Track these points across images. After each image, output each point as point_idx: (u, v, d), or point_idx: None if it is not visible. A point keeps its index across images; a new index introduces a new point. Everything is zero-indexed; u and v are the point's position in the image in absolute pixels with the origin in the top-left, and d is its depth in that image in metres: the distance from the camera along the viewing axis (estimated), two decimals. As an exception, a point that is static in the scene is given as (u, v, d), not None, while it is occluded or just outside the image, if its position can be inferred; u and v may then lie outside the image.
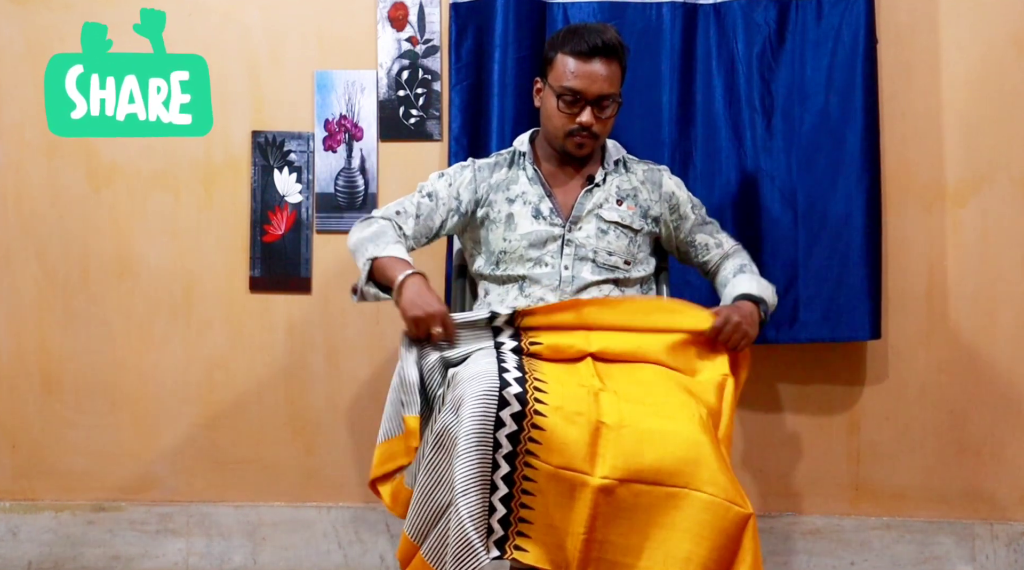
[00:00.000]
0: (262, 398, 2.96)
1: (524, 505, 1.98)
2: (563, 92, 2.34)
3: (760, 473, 2.91)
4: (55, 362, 2.97)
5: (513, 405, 1.97)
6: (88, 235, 2.96)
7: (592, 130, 2.36)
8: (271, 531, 2.94)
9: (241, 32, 2.95)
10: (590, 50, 2.32)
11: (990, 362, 2.87)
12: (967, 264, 2.87)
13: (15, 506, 2.97)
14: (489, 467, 1.96)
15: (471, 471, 1.96)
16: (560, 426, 1.98)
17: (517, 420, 1.97)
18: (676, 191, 2.50)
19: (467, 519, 1.94)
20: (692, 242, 2.51)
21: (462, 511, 1.95)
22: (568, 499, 1.96)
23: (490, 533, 1.96)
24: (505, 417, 1.97)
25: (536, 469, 1.97)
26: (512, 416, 1.97)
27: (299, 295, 2.95)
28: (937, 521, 2.88)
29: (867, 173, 2.77)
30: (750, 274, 2.45)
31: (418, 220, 2.43)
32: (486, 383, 2.00)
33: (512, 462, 1.97)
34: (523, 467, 1.97)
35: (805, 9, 2.81)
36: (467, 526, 1.94)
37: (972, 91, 2.86)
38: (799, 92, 2.81)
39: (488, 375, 2.01)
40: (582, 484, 1.95)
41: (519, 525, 1.98)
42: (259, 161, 2.94)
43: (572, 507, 1.96)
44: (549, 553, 1.98)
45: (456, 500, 1.96)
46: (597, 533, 1.96)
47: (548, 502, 1.97)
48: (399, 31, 2.91)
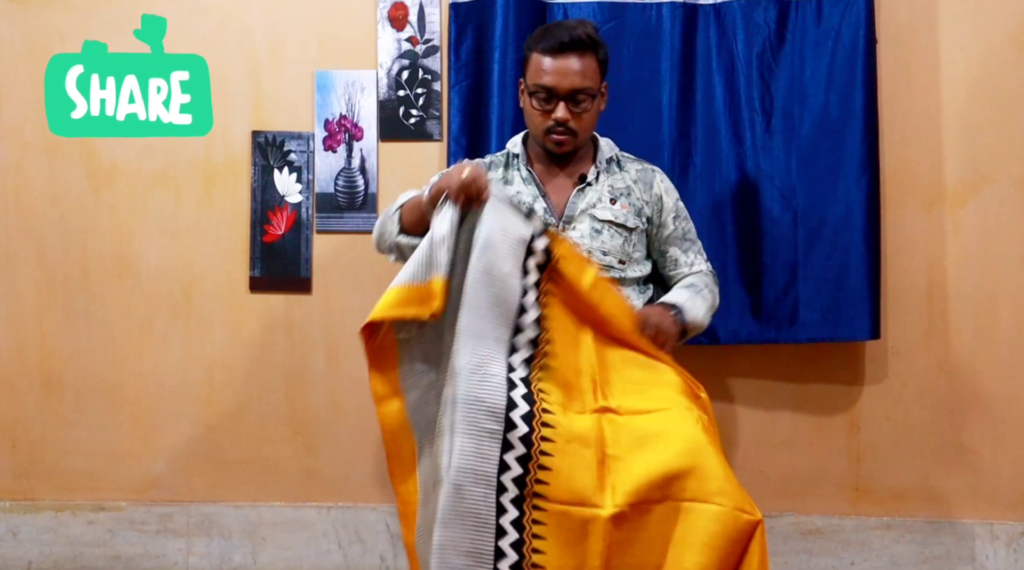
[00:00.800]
0: (262, 398, 2.96)
1: (536, 550, 1.94)
2: (536, 90, 2.33)
3: (760, 473, 2.91)
4: (55, 362, 2.97)
5: (518, 448, 1.95)
6: (88, 235, 2.96)
7: (568, 126, 2.34)
8: (271, 531, 2.95)
9: (241, 32, 2.95)
10: (560, 46, 2.31)
11: (990, 362, 2.87)
12: (967, 264, 2.87)
13: (15, 506, 2.97)
14: (489, 505, 1.93)
15: (459, 506, 1.92)
16: (567, 464, 1.95)
17: (522, 463, 1.95)
18: (664, 197, 2.48)
19: (449, 548, 1.91)
20: (664, 253, 2.50)
21: (443, 541, 1.92)
22: (580, 536, 1.94)
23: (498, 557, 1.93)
24: (510, 460, 1.95)
25: (545, 511, 1.94)
26: (517, 459, 1.95)
27: (299, 295, 2.95)
28: (937, 521, 2.88)
29: (867, 173, 2.77)
30: (689, 291, 2.42)
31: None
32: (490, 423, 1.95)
33: (520, 506, 1.94)
34: (531, 510, 1.95)
35: (805, 9, 2.81)
36: (449, 555, 1.91)
37: (972, 91, 2.86)
38: (799, 92, 2.81)
39: (494, 407, 1.97)
40: (593, 518, 1.93)
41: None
42: (259, 161, 2.94)
43: (586, 543, 1.94)
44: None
45: (439, 530, 1.92)
46: (613, 561, 1.95)
47: (560, 542, 1.94)
48: (399, 31, 2.91)
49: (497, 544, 1.93)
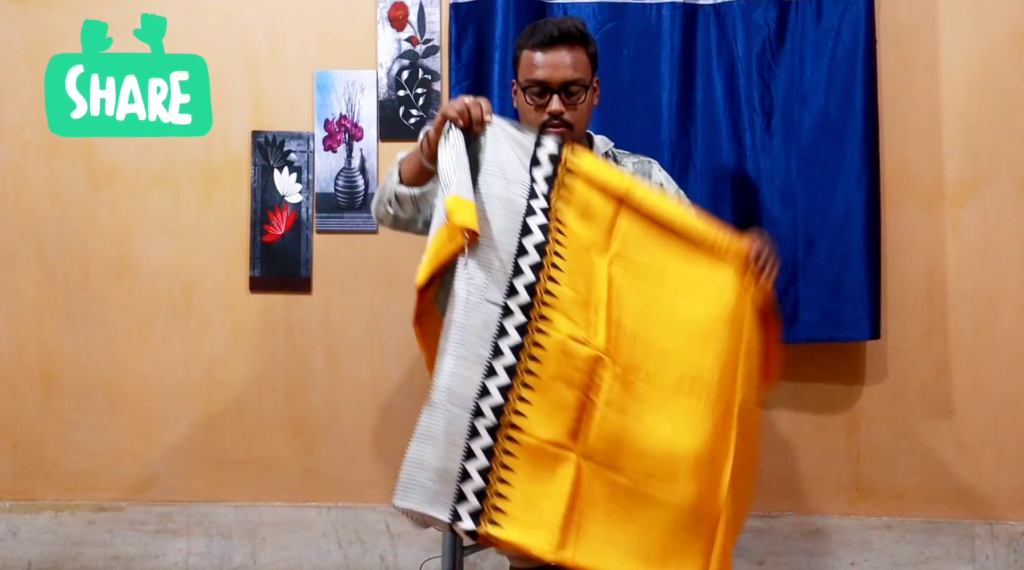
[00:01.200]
0: (262, 398, 2.96)
1: (503, 479, 1.96)
2: (529, 85, 2.33)
3: (760, 473, 2.90)
4: (55, 362, 2.97)
5: (501, 377, 1.97)
6: (88, 235, 2.96)
7: (564, 118, 2.32)
8: (271, 531, 2.95)
9: (241, 32, 2.95)
10: (549, 39, 2.31)
11: (990, 362, 2.87)
12: (967, 264, 2.87)
13: (15, 506, 2.97)
14: (462, 427, 1.95)
15: (432, 424, 1.95)
16: (548, 401, 1.98)
17: (503, 393, 1.97)
18: (665, 184, 2.49)
19: (417, 464, 1.93)
20: None
21: (413, 456, 1.93)
22: (549, 476, 1.97)
23: (461, 499, 1.95)
24: (492, 387, 1.97)
25: (518, 444, 1.97)
26: (499, 388, 1.97)
27: (299, 295, 2.95)
28: (937, 521, 2.88)
29: (867, 173, 2.77)
30: None
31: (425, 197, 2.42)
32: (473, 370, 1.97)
33: (493, 434, 1.96)
34: (504, 440, 1.97)
35: (805, 9, 2.81)
36: (415, 471, 1.92)
37: (972, 91, 2.86)
38: (799, 92, 2.81)
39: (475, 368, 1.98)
40: (564, 460, 1.97)
41: (495, 499, 1.96)
42: (259, 161, 2.94)
43: (553, 484, 1.97)
44: (526, 532, 1.95)
45: (413, 445, 1.94)
46: (578, 505, 1.97)
47: (528, 477, 1.96)
48: (399, 31, 2.91)
49: (464, 466, 1.95)
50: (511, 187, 2.08)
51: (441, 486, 1.93)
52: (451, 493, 1.94)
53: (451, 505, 1.94)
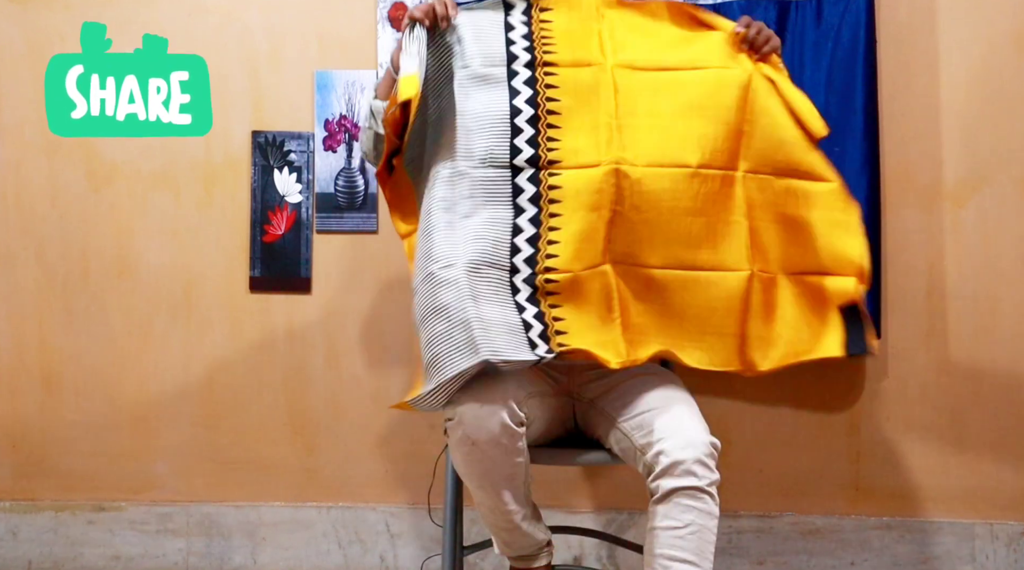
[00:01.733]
0: (262, 398, 2.96)
1: (556, 318, 2.02)
2: None
3: (760, 473, 2.91)
4: (55, 362, 2.97)
5: (527, 229, 2.05)
6: (88, 235, 2.96)
7: None
8: (271, 531, 2.95)
9: (241, 32, 2.95)
10: None
11: (990, 362, 2.87)
12: (967, 264, 2.87)
13: (15, 506, 2.97)
14: (505, 285, 2.04)
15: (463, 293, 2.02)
16: (576, 231, 2.06)
17: (532, 243, 2.04)
18: None
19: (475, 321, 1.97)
20: None
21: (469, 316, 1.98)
22: (593, 294, 2.06)
23: (532, 346, 1.98)
24: (520, 242, 2.05)
25: (558, 282, 2.04)
26: (527, 241, 2.05)
27: (299, 295, 2.95)
28: (937, 521, 2.88)
29: (866, 173, 2.77)
30: None
31: None
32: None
33: (532, 283, 2.04)
34: (545, 284, 2.04)
35: (805, 9, 2.81)
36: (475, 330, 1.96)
37: (972, 91, 2.86)
38: (798, 92, 2.81)
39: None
40: (600, 273, 2.07)
41: (555, 327, 2.01)
42: (259, 161, 2.94)
43: (597, 300, 2.06)
44: (596, 347, 2.02)
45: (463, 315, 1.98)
46: (623, 308, 2.08)
47: (575, 307, 2.04)
48: (399, 31, 2.91)
49: (521, 317, 2.01)
50: (494, 62, 2.16)
51: (508, 336, 1.98)
52: (522, 335, 1.99)
53: (526, 343, 1.98)
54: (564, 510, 2.90)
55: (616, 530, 2.87)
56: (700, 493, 1.96)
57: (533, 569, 2.38)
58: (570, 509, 2.92)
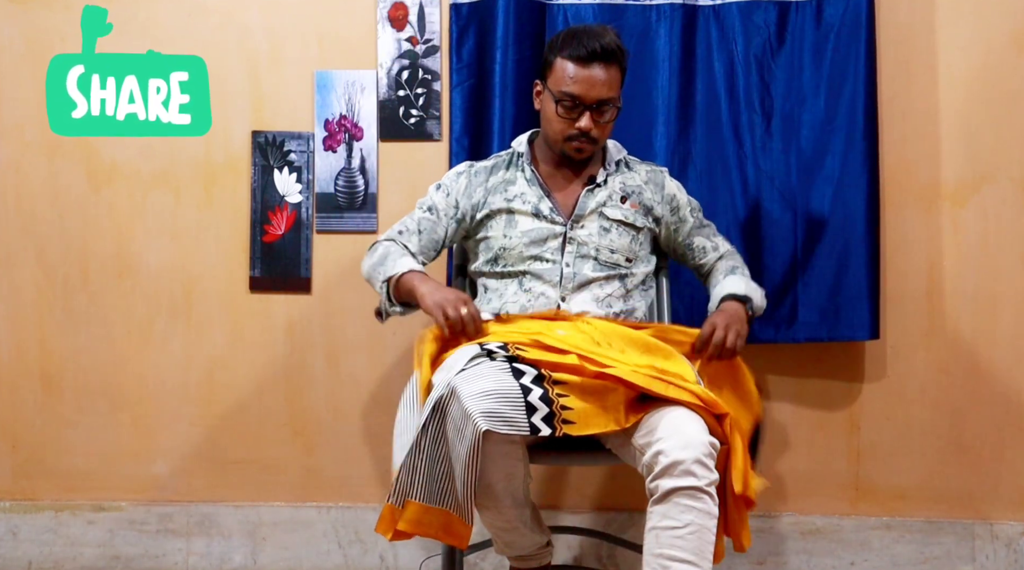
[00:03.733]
0: (262, 398, 2.96)
1: (562, 395, 2.01)
2: (562, 97, 2.34)
3: (760, 473, 2.90)
4: (55, 362, 2.97)
5: (541, 409, 1.98)
6: (88, 235, 2.96)
7: (591, 135, 2.36)
8: (271, 531, 2.95)
9: (241, 32, 2.95)
10: (589, 55, 2.31)
11: (990, 362, 2.87)
12: (967, 264, 2.87)
13: (15, 506, 2.97)
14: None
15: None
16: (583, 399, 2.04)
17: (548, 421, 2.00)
18: (677, 194, 2.52)
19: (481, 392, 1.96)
20: (690, 245, 2.52)
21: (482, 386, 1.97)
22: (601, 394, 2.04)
23: (531, 411, 1.96)
24: (537, 421, 1.98)
25: (566, 383, 2.03)
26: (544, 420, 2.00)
27: (299, 295, 2.95)
28: (937, 521, 2.88)
29: (867, 173, 2.77)
30: (740, 276, 2.46)
31: (421, 235, 2.45)
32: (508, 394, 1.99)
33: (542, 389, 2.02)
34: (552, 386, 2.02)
35: (804, 10, 2.81)
36: (478, 401, 1.94)
37: (972, 91, 2.86)
38: (798, 93, 2.81)
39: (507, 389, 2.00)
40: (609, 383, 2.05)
41: (562, 408, 1.99)
42: (259, 161, 2.94)
43: (606, 399, 2.04)
44: (597, 423, 2.01)
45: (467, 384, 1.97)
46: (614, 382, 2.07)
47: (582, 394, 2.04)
48: (399, 31, 2.91)
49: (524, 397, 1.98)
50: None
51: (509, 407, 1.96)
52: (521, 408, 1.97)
53: (526, 419, 1.96)
54: (564, 510, 2.91)
55: (615, 530, 2.87)
56: (699, 493, 1.97)
57: (533, 569, 2.39)
58: (570, 509, 2.92)
